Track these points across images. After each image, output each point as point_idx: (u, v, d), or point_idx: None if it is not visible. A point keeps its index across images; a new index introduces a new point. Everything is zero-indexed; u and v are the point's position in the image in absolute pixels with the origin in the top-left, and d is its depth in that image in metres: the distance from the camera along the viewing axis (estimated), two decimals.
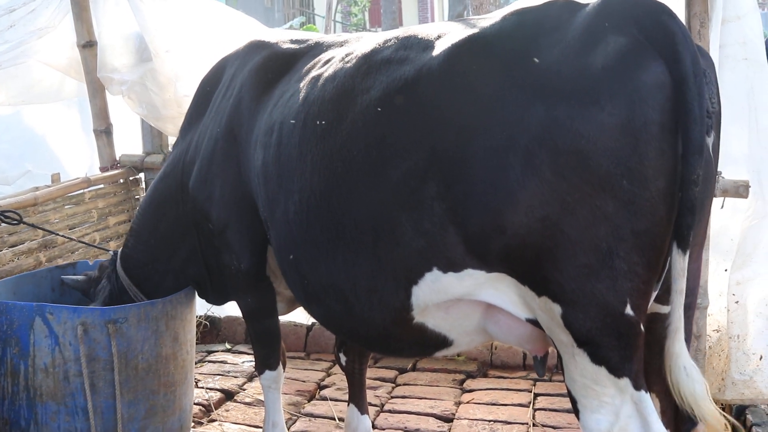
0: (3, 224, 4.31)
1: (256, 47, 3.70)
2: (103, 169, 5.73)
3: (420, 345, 2.95)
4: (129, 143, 5.95)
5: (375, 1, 31.25)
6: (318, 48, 3.43)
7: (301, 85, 3.16)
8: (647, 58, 2.26)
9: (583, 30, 2.35)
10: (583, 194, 2.28)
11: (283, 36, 3.76)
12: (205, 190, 3.56)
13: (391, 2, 24.72)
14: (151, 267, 3.98)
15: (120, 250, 4.12)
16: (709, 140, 2.38)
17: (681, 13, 3.75)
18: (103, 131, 5.59)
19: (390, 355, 4.64)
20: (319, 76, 3.07)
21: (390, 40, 2.90)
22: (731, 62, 3.94)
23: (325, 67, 3.11)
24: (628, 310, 2.35)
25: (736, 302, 4.02)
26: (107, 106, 5.65)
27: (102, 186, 5.54)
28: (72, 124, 6.74)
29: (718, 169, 3.81)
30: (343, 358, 4.03)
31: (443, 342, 2.88)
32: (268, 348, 3.82)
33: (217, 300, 4.06)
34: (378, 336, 2.94)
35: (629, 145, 2.24)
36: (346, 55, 3.02)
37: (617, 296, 2.33)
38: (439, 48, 2.64)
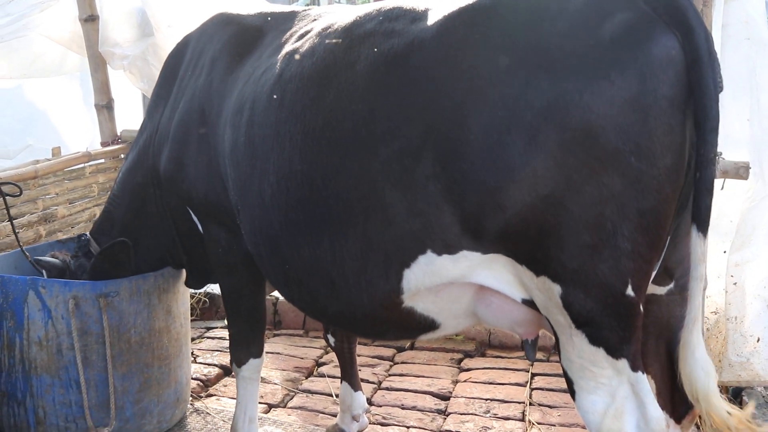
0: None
1: (223, 22, 3.58)
2: (104, 144, 5.73)
3: (407, 328, 2.85)
4: (130, 118, 5.95)
5: None
6: (290, 22, 3.29)
7: (274, 61, 3.03)
8: (657, 32, 2.20)
9: (588, 2, 2.27)
10: (590, 171, 2.20)
11: (251, 10, 3.61)
12: (181, 172, 3.47)
13: None
14: (135, 254, 3.90)
15: (91, 232, 4.06)
16: None
17: None
18: (105, 106, 5.58)
19: (374, 339, 4.55)
20: (294, 51, 2.95)
21: (372, 12, 2.77)
22: (733, 42, 3.89)
23: (301, 41, 2.98)
24: (629, 291, 2.30)
25: (735, 284, 3.98)
26: (109, 81, 5.64)
27: (103, 161, 5.54)
28: (73, 98, 6.76)
29: (720, 150, 3.81)
30: (331, 339, 4.05)
31: (430, 325, 2.80)
32: (255, 332, 3.67)
33: (197, 283, 3.96)
34: (364, 319, 2.83)
35: (639, 120, 2.17)
36: (325, 29, 2.90)
37: (619, 276, 2.28)
38: (430, 19, 2.53)
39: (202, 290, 5.80)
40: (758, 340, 3.98)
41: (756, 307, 3.98)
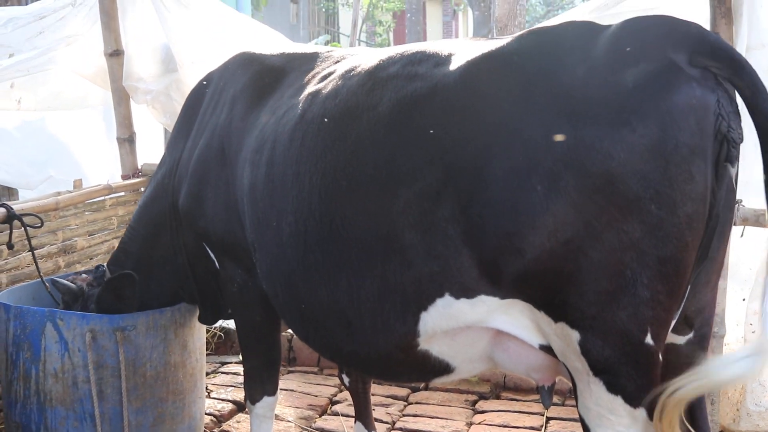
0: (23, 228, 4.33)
1: (245, 61, 3.59)
2: (124, 177, 5.76)
3: (421, 371, 2.84)
4: (151, 152, 5.99)
5: (400, 21, 31.31)
6: (313, 62, 3.32)
7: (296, 101, 3.05)
8: (679, 80, 2.20)
9: (611, 50, 2.28)
10: (610, 218, 2.20)
11: (273, 49, 3.65)
12: (199, 209, 3.48)
13: (416, 23, 24.75)
14: (145, 287, 3.90)
15: (108, 263, 4.06)
16: (733, 170, 2.34)
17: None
18: (126, 139, 5.63)
19: (387, 381, 4.51)
20: (316, 92, 2.97)
21: (395, 55, 2.82)
22: None
23: (324, 82, 3.00)
24: (648, 339, 2.28)
25: (753, 332, 3.95)
26: (131, 115, 5.70)
27: (123, 194, 5.57)
28: (96, 131, 6.81)
29: (740, 198, 3.80)
30: (346, 379, 4.03)
31: (445, 369, 2.78)
32: (270, 369, 3.65)
33: (210, 319, 3.94)
34: (379, 361, 2.83)
35: (659, 168, 2.18)
36: (348, 71, 2.92)
37: (638, 324, 2.27)
38: (453, 64, 2.56)
39: (217, 324, 5.79)
40: None
41: None
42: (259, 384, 3.65)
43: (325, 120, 2.82)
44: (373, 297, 2.64)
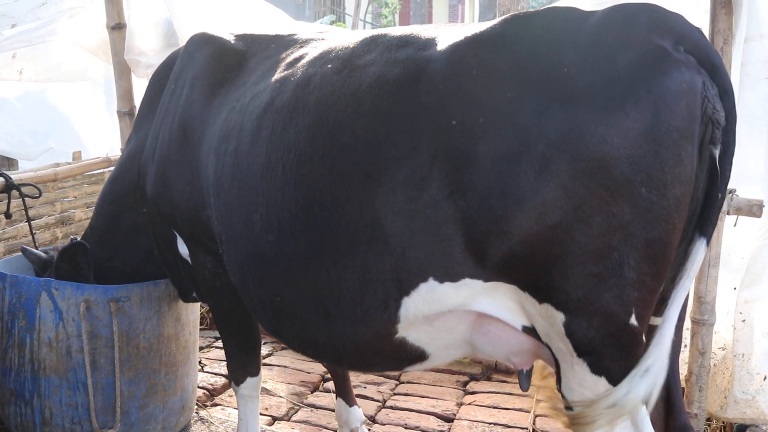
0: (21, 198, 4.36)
1: (203, 42, 3.52)
2: (123, 150, 5.76)
3: (396, 359, 2.81)
4: None
5: (406, 4, 31.14)
6: (276, 47, 3.24)
7: (262, 88, 2.98)
8: (669, 65, 2.22)
9: (599, 35, 2.29)
10: (600, 202, 2.21)
11: (233, 30, 3.52)
12: (164, 195, 3.44)
13: (422, 5, 24.65)
14: (109, 263, 3.93)
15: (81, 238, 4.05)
16: (716, 152, 2.36)
17: (704, 30, 3.72)
18: (127, 113, 5.64)
19: (360, 371, 4.39)
20: (285, 80, 2.90)
21: (369, 39, 2.77)
22: (752, 81, 3.89)
23: (292, 69, 2.93)
24: (633, 320, 2.30)
25: (743, 321, 3.98)
26: (132, 89, 5.70)
27: None
28: (96, 104, 6.83)
29: (734, 187, 3.82)
30: None
31: (420, 356, 2.77)
32: (250, 352, 3.67)
33: (185, 296, 3.90)
34: (355, 351, 2.79)
35: (651, 151, 2.19)
36: (318, 57, 2.87)
37: (623, 306, 2.28)
38: (438, 49, 2.53)
39: None
40: (765, 378, 3.96)
41: (764, 345, 3.97)
42: (241, 366, 3.67)
43: (298, 107, 2.75)
44: (354, 285, 2.60)
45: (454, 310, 2.56)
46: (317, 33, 3.27)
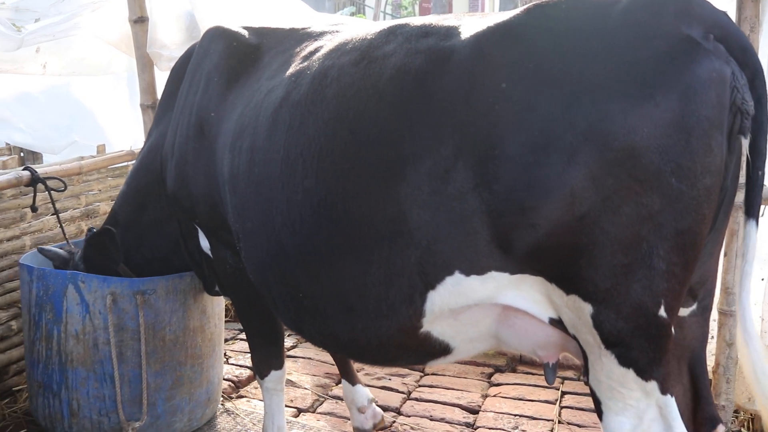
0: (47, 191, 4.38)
1: (218, 36, 3.51)
2: (145, 143, 5.78)
3: (420, 354, 2.78)
4: None
5: None
6: (290, 41, 3.22)
7: (277, 83, 2.96)
8: (699, 54, 2.18)
9: (626, 24, 2.25)
10: (629, 192, 2.18)
11: (248, 24, 3.53)
12: (184, 190, 3.45)
13: None
14: (134, 253, 3.94)
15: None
16: (745, 141, 2.34)
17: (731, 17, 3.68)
18: (150, 106, 5.64)
19: (383, 365, 4.45)
20: (301, 74, 2.86)
21: (388, 30, 2.73)
22: None
23: (307, 62, 2.89)
24: (662, 312, 2.27)
25: None
26: (155, 82, 5.70)
27: None
28: (119, 97, 6.85)
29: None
30: None
31: (444, 350, 2.74)
32: (273, 345, 3.68)
33: (210, 290, 3.94)
34: (378, 346, 2.75)
35: (681, 141, 2.16)
36: (334, 49, 2.82)
37: (653, 297, 2.25)
38: (460, 39, 2.49)
39: None
40: None
41: None
42: (265, 359, 3.69)
43: (316, 101, 2.71)
44: (379, 280, 2.57)
45: (480, 303, 2.53)
46: (332, 25, 3.24)
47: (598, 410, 2.47)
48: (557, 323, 2.49)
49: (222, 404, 4.50)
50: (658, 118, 2.16)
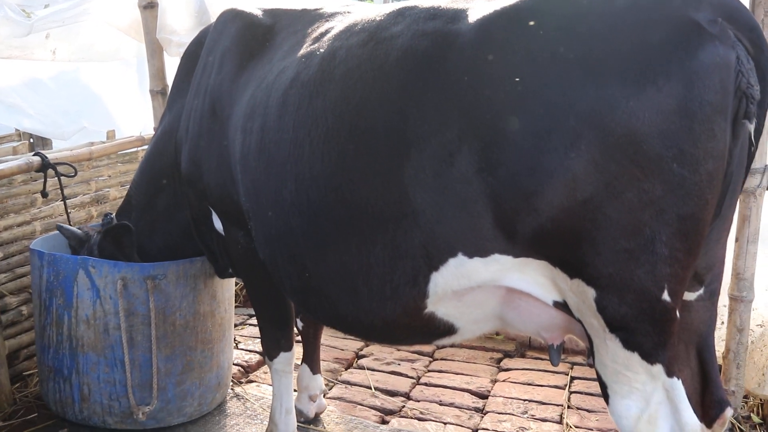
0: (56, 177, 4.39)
1: (231, 18, 3.53)
2: (156, 129, 5.79)
3: (425, 334, 2.81)
4: None
5: None
6: (302, 22, 3.23)
7: (288, 64, 2.97)
8: (704, 39, 2.18)
9: (630, 9, 2.24)
10: (631, 177, 2.18)
11: (262, 5, 3.56)
12: (197, 171, 3.49)
13: None
14: (149, 239, 3.98)
15: (116, 213, 4.13)
16: (751, 126, 2.33)
17: (745, 2, 3.65)
18: (159, 92, 5.65)
19: (388, 344, 4.52)
20: (310, 55, 2.88)
21: (396, 13, 2.72)
22: None
23: (318, 43, 2.91)
24: (665, 296, 2.28)
25: None
26: (164, 67, 5.70)
27: None
28: (129, 83, 6.85)
29: None
30: (300, 324, 4.19)
31: (449, 330, 2.77)
32: (284, 327, 3.70)
33: (222, 273, 3.98)
34: (383, 326, 2.78)
35: (683, 126, 2.16)
36: (343, 31, 2.84)
37: (656, 281, 2.26)
38: (466, 22, 2.48)
39: None
40: None
41: None
42: (274, 340, 3.72)
43: (324, 82, 2.73)
44: (383, 261, 2.60)
45: (484, 285, 2.56)
46: (344, 6, 3.25)
47: (605, 394, 2.49)
48: (562, 306, 2.51)
49: (232, 389, 4.52)
50: (661, 103, 2.16)
